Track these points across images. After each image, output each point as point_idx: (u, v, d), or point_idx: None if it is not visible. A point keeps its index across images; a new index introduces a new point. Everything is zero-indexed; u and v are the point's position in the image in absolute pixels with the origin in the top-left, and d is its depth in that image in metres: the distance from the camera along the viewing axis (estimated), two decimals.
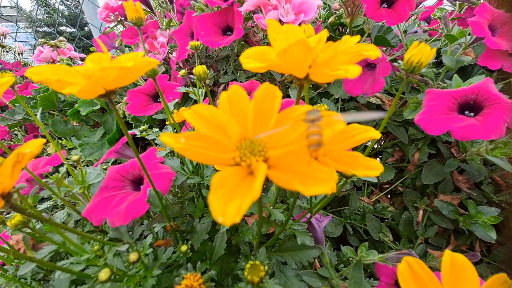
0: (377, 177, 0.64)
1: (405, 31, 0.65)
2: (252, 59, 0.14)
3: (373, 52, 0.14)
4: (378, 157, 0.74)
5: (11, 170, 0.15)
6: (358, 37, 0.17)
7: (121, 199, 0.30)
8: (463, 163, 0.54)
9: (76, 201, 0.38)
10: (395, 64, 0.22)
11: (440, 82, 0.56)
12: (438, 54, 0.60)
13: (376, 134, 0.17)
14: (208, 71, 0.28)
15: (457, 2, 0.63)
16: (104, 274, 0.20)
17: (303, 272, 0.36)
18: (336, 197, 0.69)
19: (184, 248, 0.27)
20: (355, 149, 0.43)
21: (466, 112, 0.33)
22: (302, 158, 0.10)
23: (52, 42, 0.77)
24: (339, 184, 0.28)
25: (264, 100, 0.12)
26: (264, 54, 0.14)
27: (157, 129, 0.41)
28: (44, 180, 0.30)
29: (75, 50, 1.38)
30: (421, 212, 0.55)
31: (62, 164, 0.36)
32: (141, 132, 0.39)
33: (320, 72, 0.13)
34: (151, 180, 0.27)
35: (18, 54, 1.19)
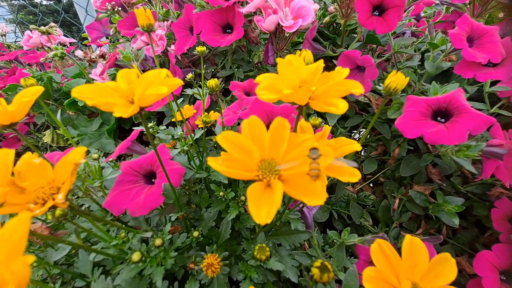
0: (361, 168, 0.71)
1: (394, 33, 0.69)
2: (266, 91, 0.18)
3: (358, 89, 0.18)
4: (364, 149, 0.80)
5: (70, 177, 0.18)
6: (347, 71, 0.21)
7: (137, 192, 0.34)
8: (437, 158, 0.61)
9: (87, 191, 0.42)
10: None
11: (423, 83, 0.61)
12: (423, 56, 0.65)
13: (358, 147, 0.22)
14: (206, 66, 0.30)
15: (445, 6, 0.67)
16: (136, 256, 0.24)
17: (295, 252, 0.42)
18: None
19: (196, 233, 0.31)
20: None
21: (439, 118, 0.38)
22: (305, 177, 0.14)
23: (43, 28, 0.75)
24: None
25: (277, 129, 0.16)
26: (275, 86, 0.18)
27: (164, 127, 0.44)
28: None
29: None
30: (397, 200, 0.62)
31: None
32: (149, 129, 0.42)
33: (317, 105, 0.17)
34: (168, 176, 0.30)
35: (1, 35, 1.13)
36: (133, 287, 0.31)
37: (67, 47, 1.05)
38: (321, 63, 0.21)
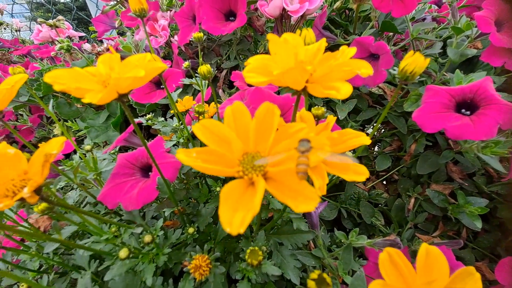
0: (374, 165, 0.66)
1: (413, 18, 0.63)
2: (254, 73, 0.15)
3: (365, 70, 0.15)
4: (377, 145, 0.76)
5: (42, 169, 0.17)
6: (354, 49, 0.17)
7: (132, 186, 0.33)
8: (458, 155, 0.56)
9: (87, 183, 0.41)
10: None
11: (444, 73, 0.56)
12: (445, 43, 0.59)
13: (367, 140, 0.19)
14: (211, 57, 0.28)
15: None
16: (123, 253, 0.23)
17: (298, 252, 0.39)
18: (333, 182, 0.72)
19: (191, 230, 0.30)
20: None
21: (463, 110, 0.34)
22: (295, 175, 0.12)
23: (51, 21, 0.76)
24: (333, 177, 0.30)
25: (265, 117, 0.13)
26: (266, 67, 0.16)
27: (162, 118, 0.42)
28: (60, 167, 0.32)
29: (73, 27, 1.34)
30: (412, 200, 0.58)
31: (74, 150, 0.38)
32: (147, 121, 0.41)
33: (315, 89, 0.14)
34: (159, 170, 0.29)
35: (16, 31, 1.16)
36: (127, 282, 0.30)
37: (76, 41, 1.06)
38: (323, 41, 0.18)
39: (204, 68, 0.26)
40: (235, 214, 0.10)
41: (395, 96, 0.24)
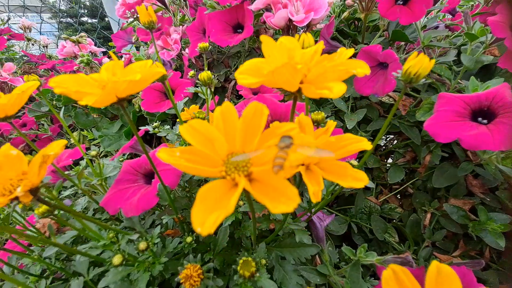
0: (387, 177, 0.63)
1: (425, 26, 0.62)
2: (246, 75, 0.15)
3: (361, 69, 0.14)
4: (390, 157, 0.73)
5: (38, 169, 0.17)
6: (352, 51, 0.17)
7: (134, 192, 0.33)
8: (478, 167, 0.52)
9: (95, 189, 0.42)
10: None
11: (459, 80, 0.53)
12: (459, 51, 0.57)
13: (368, 146, 0.18)
14: (220, 68, 0.29)
15: None
16: (117, 259, 0.22)
17: (302, 268, 0.37)
18: (343, 195, 0.69)
19: (189, 239, 0.29)
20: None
21: (479, 119, 0.32)
22: (278, 176, 0.11)
23: (74, 37, 0.82)
24: (336, 186, 0.28)
25: (252, 117, 0.13)
26: (259, 69, 0.15)
27: (168, 126, 0.43)
28: (66, 172, 0.33)
29: (95, 44, 1.44)
30: (428, 215, 0.54)
31: (82, 157, 0.39)
32: (154, 128, 0.41)
33: (308, 90, 0.14)
34: (159, 176, 0.29)
35: (43, 46, 1.26)
36: None
37: (99, 56, 1.13)
38: (320, 44, 0.17)
39: (204, 75, 0.26)
40: (209, 215, 0.10)
41: (399, 100, 0.23)
